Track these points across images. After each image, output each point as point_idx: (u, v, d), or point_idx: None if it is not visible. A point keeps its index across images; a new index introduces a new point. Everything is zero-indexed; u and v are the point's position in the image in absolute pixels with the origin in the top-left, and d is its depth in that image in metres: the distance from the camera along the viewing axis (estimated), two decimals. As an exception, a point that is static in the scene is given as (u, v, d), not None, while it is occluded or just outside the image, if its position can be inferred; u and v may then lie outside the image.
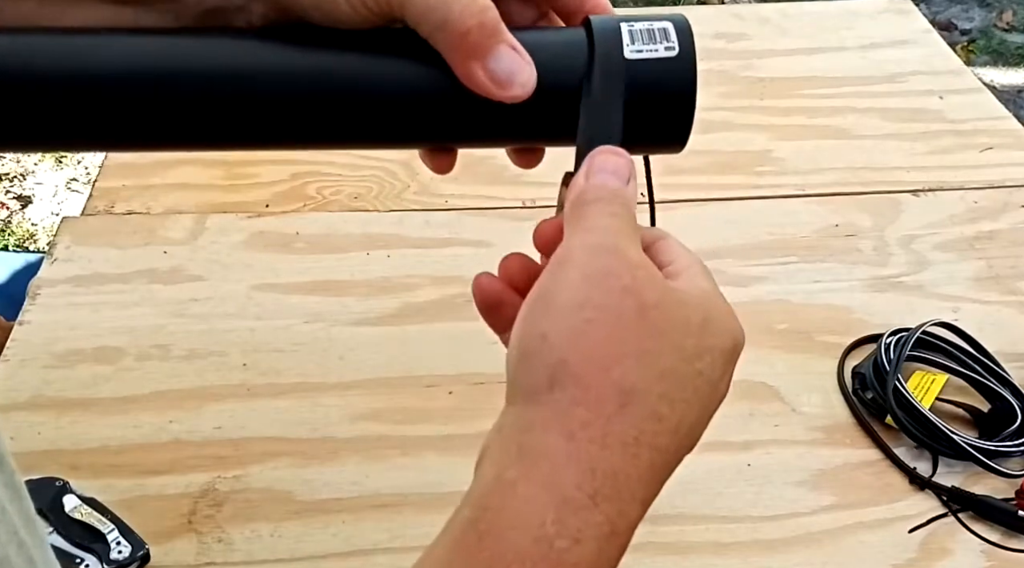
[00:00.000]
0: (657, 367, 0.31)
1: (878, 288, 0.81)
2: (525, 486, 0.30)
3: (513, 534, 0.29)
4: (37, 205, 2.05)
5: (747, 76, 1.05)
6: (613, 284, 0.31)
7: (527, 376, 0.31)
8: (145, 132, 0.36)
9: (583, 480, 0.29)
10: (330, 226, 0.85)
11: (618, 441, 0.30)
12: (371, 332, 0.76)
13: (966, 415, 0.71)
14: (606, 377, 0.30)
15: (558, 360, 0.30)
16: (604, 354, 0.30)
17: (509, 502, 0.30)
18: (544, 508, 0.29)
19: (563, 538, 0.29)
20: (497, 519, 0.30)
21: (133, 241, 0.83)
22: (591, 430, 0.30)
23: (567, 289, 0.31)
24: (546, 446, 0.30)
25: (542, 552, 0.29)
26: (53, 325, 0.76)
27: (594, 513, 0.29)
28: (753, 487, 0.67)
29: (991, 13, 2.72)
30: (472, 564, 0.29)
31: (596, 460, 0.30)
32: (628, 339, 0.31)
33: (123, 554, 0.59)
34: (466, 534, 0.30)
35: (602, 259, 0.32)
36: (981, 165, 0.94)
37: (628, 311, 0.31)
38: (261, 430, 0.69)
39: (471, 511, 0.31)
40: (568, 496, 0.29)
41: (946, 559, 0.63)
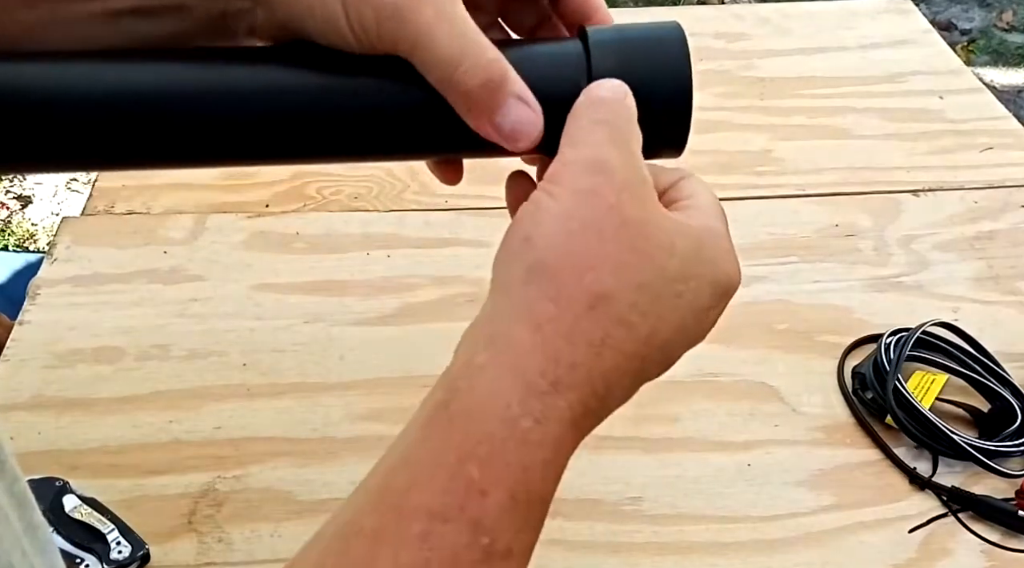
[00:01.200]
0: (633, 279, 0.32)
1: (878, 288, 0.81)
2: (493, 370, 0.32)
3: (481, 414, 0.31)
4: (37, 205, 2.05)
5: (747, 76, 1.05)
6: (599, 202, 0.33)
7: (505, 272, 0.33)
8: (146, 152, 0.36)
9: (546, 368, 0.31)
10: (330, 226, 0.85)
11: (583, 338, 0.32)
12: (371, 332, 0.76)
13: (966, 415, 0.71)
14: (579, 280, 0.32)
15: (536, 259, 0.32)
16: (580, 260, 0.32)
17: (477, 384, 0.32)
18: (510, 390, 0.31)
19: (526, 418, 0.31)
20: (466, 400, 0.32)
21: (133, 241, 0.83)
22: (557, 324, 0.32)
23: (556, 200, 0.33)
24: (514, 334, 0.32)
25: (507, 431, 0.31)
26: (53, 325, 0.76)
27: (556, 398, 0.31)
28: (753, 487, 0.67)
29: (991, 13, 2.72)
30: (443, 442, 0.31)
31: (560, 352, 0.31)
32: (606, 250, 0.32)
33: (123, 554, 0.59)
34: (437, 414, 0.32)
35: (590, 176, 0.33)
36: (981, 165, 0.94)
37: (609, 226, 0.32)
38: (261, 430, 0.69)
39: (443, 393, 0.32)
40: (531, 381, 0.31)
41: (946, 559, 0.63)
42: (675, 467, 0.67)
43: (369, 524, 0.31)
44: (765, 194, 0.90)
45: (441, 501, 0.30)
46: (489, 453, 0.31)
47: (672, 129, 0.37)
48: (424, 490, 0.31)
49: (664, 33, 0.37)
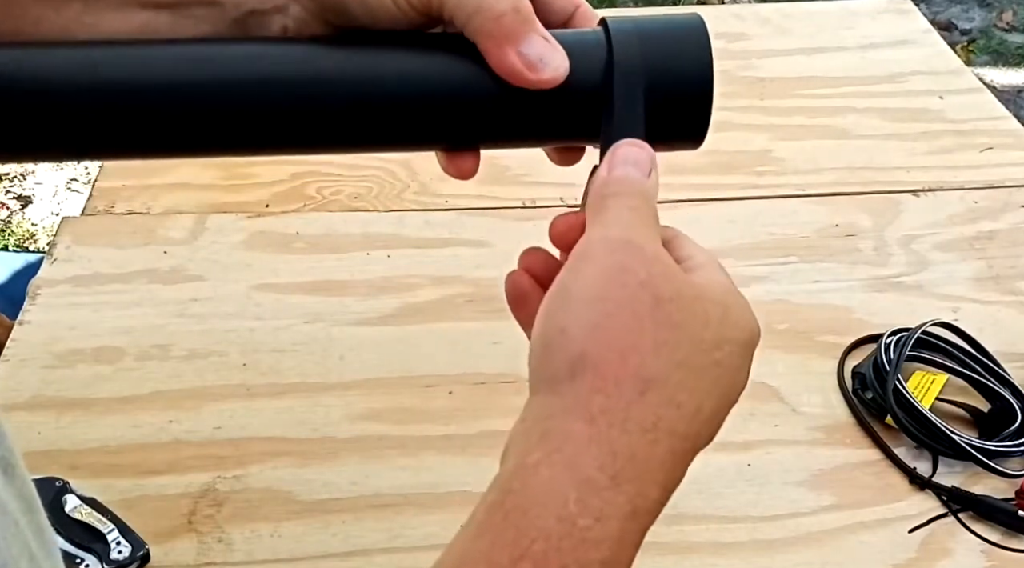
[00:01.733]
0: (675, 357, 0.32)
1: (878, 288, 0.81)
2: (548, 468, 0.30)
3: (537, 512, 0.30)
4: (37, 205, 2.05)
5: (747, 76, 1.05)
6: (629, 279, 0.32)
7: (548, 367, 0.32)
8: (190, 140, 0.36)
9: (604, 462, 0.30)
10: (330, 226, 0.85)
11: (637, 426, 0.31)
12: (371, 332, 0.76)
13: (966, 415, 0.71)
14: (624, 366, 0.31)
15: (578, 351, 0.31)
16: (622, 345, 0.31)
17: (532, 482, 0.30)
18: (566, 488, 0.30)
19: (585, 517, 0.30)
20: (521, 499, 0.30)
21: (133, 241, 0.83)
22: (611, 416, 0.31)
23: (585, 284, 0.32)
24: (567, 430, 0.31)
25: (565, 529, 0.30)
26: (53, 325, 0.76)
27: (615, 493, 0.30)
28: (753, 487, 0.67)
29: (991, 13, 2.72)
30: (498, 542, 0.30)
31: (616, 443, 0.30)
32: (645, 330, 0.31)
33: (123, 554, 0.59)
34: (492, 515, 0.31)
35: (619, 254, 0.32)
36: (981, 165, 0.94)
37: (644, 304, 0.32)
38: (261, 430, 0.69)
39: (496, 494, 0.31)
40: (589, 477, 0.30)
41: (946, 559, 0.63)
42: (675, 467, 0.67)
43: None
44: (765, 194, 0.90)
45: None
46: (544, 551, 0.29)
47: (693, 120, 0.37)
48: None
49: (686, 24, 0.38)
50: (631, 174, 0.35)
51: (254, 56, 0.36)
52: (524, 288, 0.38)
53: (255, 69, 0.36)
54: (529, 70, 0.35)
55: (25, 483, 0.34)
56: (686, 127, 0.38)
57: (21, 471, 0.34)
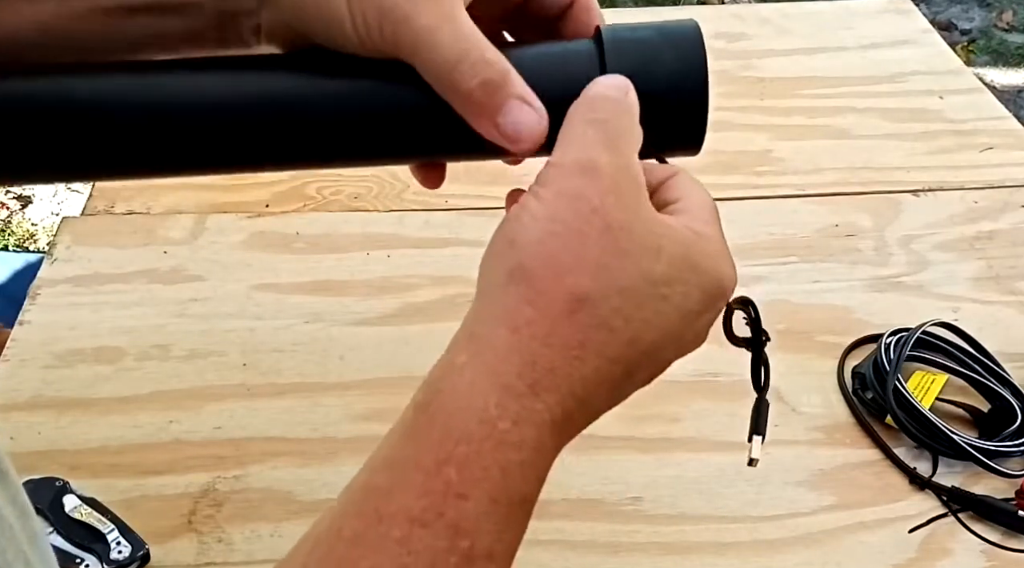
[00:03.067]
0: (615, 283, 0.32)
1: (878, 288, 0.81)
2: (471, 371, 0.32)
3: (460, 414, 0.31)
4: (37, 205, 2.05)
5: (747, 76, 1.05)
6: (582, 206, 0.32)
7: (489, 274, 0.34)
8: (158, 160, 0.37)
9: (523, 370, 0.31)
10: (330, 226, 0.85)
11: (561, 342, 0.32)
12: (371, 332, 0.76)
13: (966, 415, 0.71)
14: (559, 283, 0.32)
15: (517, 262, 0.32)
16: (561, 262, 0.32)
17: (457, 385, 0.32)
18: (488, 392, 0.31)
19: (504, 420, 0.31)
20: (446, 401, 0.32)
21: (133, 241, 0.83)
22: (535, 327, 0.32)
23: (541, 202, 0.33)
24: (493, 336, 0.32)
25: (486, 431, 0.31)
26: (53, 325, 0.76)
27: (534, 401, 0.31)
28: (753, 487, 0.67)
29: (991, 13, 2.72)
30: (423, 443, 0.31)
31: (537, 355, 0.31)
32: (588, 253, 0.32)
33: (123, 554, 0.59)
34: (418, 415, 0.32)
35: (576, 179, 0.33)
36: (981, 165, 0.94)
37: (592, 229, 0.32)
38: (261, 430, 0.69)
39: (423, 394, 0.33)
40: (509, 383, 0.31)
41: (946, 559, 0.63)
42: (675, 467, 0.67)
43: (350, 528, 0.31)
44: (765, 194, 0.90)
45: (420, 505, 0.30)
46: (467, 455, 0.30)
47: (689, 128, 0.37)
48: (403, 494, 0.31)
49: (681, 31, 0.37)
50: (604, 92, 0.35)
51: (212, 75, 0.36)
52: None
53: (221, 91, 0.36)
54: (509, 142, 0.35)
55: (18, 490, 0.34)
56: (682, 135, 0.38)
57: (13, 477, 0.34)
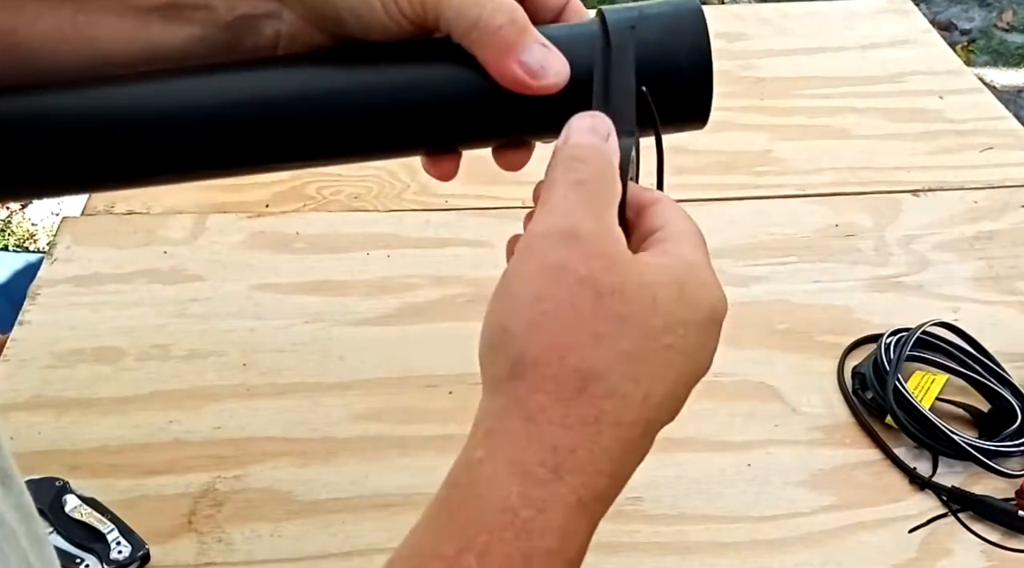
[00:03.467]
0: (617, 349, 0.32)
1: (878, 288, 0.81)
2: (491, 464, 0.31)
3: (480, 505, 0.31)
4: (37, 205, 2.05)
5: (747, 76, 1.05)
6: (568, 278, 0.32)
7: (492, 367, 0.33)
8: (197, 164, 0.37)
9: (545, 457, 0.31)
10: (330, 226, 0.85)
11: (577, 421, 0.31)
12: (371, 332, 0.76)
13: (966, 415, 0.71)
14: (563, 364, 0.31)
15: (518, 351, 0.32)
16: (561, 343, 0.31)
17: (476, 478, 0.32)
18: (508, 481, 0.31)
19: (527, 508, 0.30)
20: (465, 494, 0.32)
21: (133, 241, 0.83)
22: (550, 413, 0.31)
23: (526, 282, 0.32)
24: (508, 429, 0.32)
25: (507, 520, 0.30)
26: (53, 325, 0.76)
27: (558, 485, 0.31)
28: (753, 487, 0.67)
29: (991, 13, 2.72)
30: (444, 534, 0.31)
31: (557, 438, 0.31)
32: (584, 326, 0.32)
33: (123, 554, 0.59)
34: (439, 510, 0.32)
35: (558, 250, 0.32)
36: (981, 165, 0.94)
37: (584, 301, 0.32)
38: (261, 430, 0.69)
39: (444, 490, 0.33)
40: (530, 471, 0.31)
41: (946, 559, 0.63)
42: (675, 467, 0.67)
43: None
44: (765, 194, 0.90)
45: None
46: (487, 544, 0.30)
47: (694, 102, 0.38)
48: None
49: (681, 7, 0.38)
50: (584, 139, 0.35)
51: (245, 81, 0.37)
52: None
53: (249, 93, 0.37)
54: (531, 78, 0.35)
55: (22, 492, 0.34)
56: (688, 110, 0.38)
57: (18, 480, 0.34)
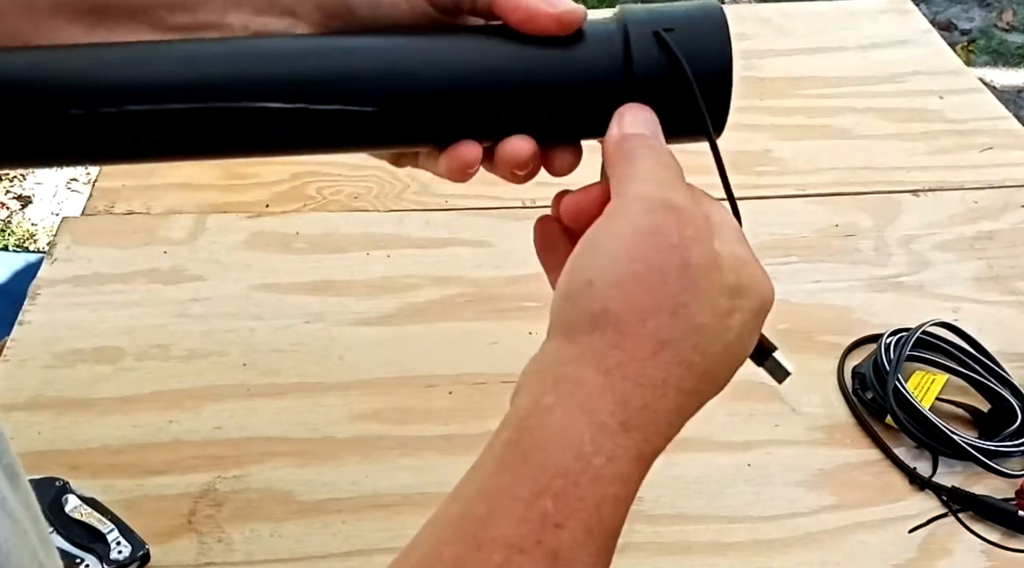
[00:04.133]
0: (692, 321, 0.33)
1: (878, 288, 0.81)
2: (563, 410, 0.32)
3: (554, 450, 0.32)
4: (37, 205, 2.05)
5: (747, 76, 1.05)
6: (661, 242, 0.33)
7: (570, 316, 0.34)
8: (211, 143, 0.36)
9: (615, 410, 0.32)
10: (330, 226, 0.85)
11: (649, 381, 0.33)
12: (371, 332, 0.76)
13: (966, 415, 0.71)
14: (643, 327, 0.33)
15: (601, 306, 0.33)
16: (644, 306, 0.33)
17: (548, 423, 0.32)
18: (581, 430, 0.32)
19: (599, 456, 0.32)
20: (538, 438, 0.32)
21: (133, 241, 0.83)
22: (625, 369, 0.32)
23: (618, 240, 0.33)
24: (582, 377, 0.33)
25: (582, 467, 0.31)
26: (53, 325, 0.76)
27: (625, 438, 0.32)
28: (753, 487, 0.67)
29: (991, 13, 2.72)
30: (518, 476, 0.32)
31: (628, 394, 0.32)
32: (667, 293, 0.33)
33: (123, 554, 0.59)
34: (509, 452, 0.33)
35: (655, 215, 0.34)
36: (981, 165, 0.94)
37: (672, 268, 0.33)
38: (261, 430, 0.69)
39: (512, 432, 0.33)
40: (602, 421, 0.32)
41: (946, 559, 0.63)
42: (675, 467, 0.67)
43: (449, 553, 0.31)
44: (765, 194, 0.90)
45: (519, 532, 0.31)
46: (564, 487, 0.31)
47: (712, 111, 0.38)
48: (502, 522, 0.31)
49: (704, 13, 0.37)
50: (644, 126, 0.36)
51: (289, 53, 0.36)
52: (553, 234, 0.39)
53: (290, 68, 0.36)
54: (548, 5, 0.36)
55: (29, 492, 0.35)
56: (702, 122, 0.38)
57: (24, 480, 0.35)
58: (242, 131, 0.36)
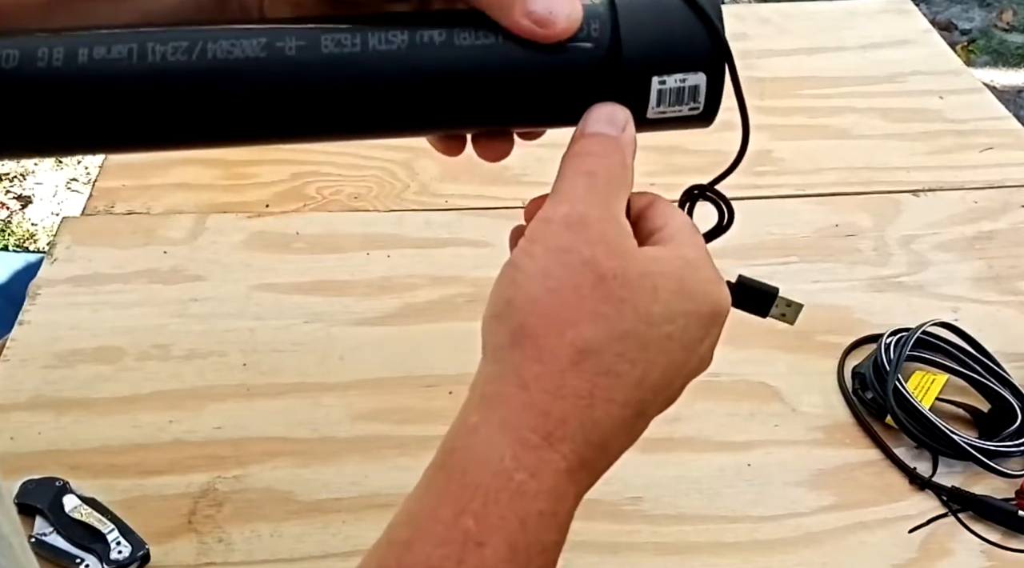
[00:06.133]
0: (614, 330, 0.33)
1: (878, 288, 0.81)
2: (485, 428, 0.33)
3: (475, 469, 0.32)
4: (37, 205, 2.05)
5: (747, 76, 1.04)
6: (572, 259, 0.33)
7: (492, 336, 0.34)
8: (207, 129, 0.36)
9: (537, 423, 0.32)
10: (330, 226, 0.85)
11: (571, 392, 0.32)
12: (371, 332, 0.76)
13: (966, 415, 0.71)
14: (561, 338, 0.33)
15: (519, 323, 0.33)
16: (561, 318, 0.33)
17: (471, 442, 0.33)
18: (501, 446, 0.32)
19: (520, 472, 0.32)
20: (461, 458, 0.33)
21: (133, 241, 0.83)
22: (544, 382, 0.32)
23: (533, 260, 0.34)
24: (504, 393, 0.33)
25: (502, 483, 0.31)
26: (53, 325, 0.76)
27: (548, 452, 0.32)
28: (753, 487, 0.67)
29: (991, 13, 2.72)
30: (441, 497, 0.32)
31: (549, 407, 0.32)
32: (584, 305, 0.33)
33: (123, 554, 0.59)
34: (436, 475, 0.33)
35: (565, 234, 0.34)
36: (981, 165, 0.94)
37: (586, 280, 0.33)
38: (261, 430, 0.69)
39: (440, 455, 0.34)
40: (523, 437, 0.32)
41: (946, 559, 0.63)
42: (675, 467, 0.67)
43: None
44: (765, 194, 0.90)
45: (439, 553, 0.31)
46: (484, 505, 0.31)
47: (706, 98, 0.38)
48: (424, 544, 0.31)
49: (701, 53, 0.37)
50: (602, 130, 0.36)
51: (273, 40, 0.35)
52: None
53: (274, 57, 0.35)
54: (541, 26, 0.35)
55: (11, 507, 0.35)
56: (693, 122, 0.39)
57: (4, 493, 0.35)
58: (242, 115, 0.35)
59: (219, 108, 0.35)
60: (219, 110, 0.35)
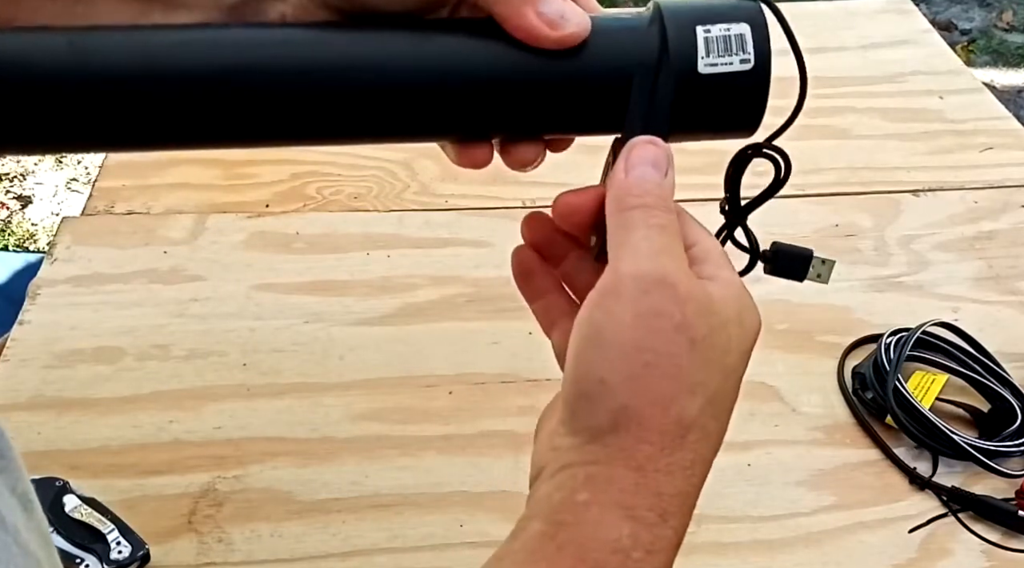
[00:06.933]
0: (706, 394, 0.33)
1: (878, 288, 0.81)
2: (598, 508, 0.32)
3: (592, 545, 0.32)
4: (37, 205, 2.05)
5: (747, 76, 1.05)
6: (665, 324, 0.32)
7: (589, 417, 0.33)
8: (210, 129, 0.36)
9: (652, 503, 0.33)
10: (330, 226, 0.85)
11: (679, 467, 0.33)
12: (371, 332, 0.76)
13: (966, 415, 0.71)
14: (666, 417, 0.33)
15: (619, 404, 0.32)
16: (662, 396, 0.32)
17: (584, 518, 0.32)
18: (619, 525, 0.32)
19: (638, 550, 0.32)
20: (574, 533, 0.32)
21: (133, 241, 0.83)
22: (656, 462, 0.33)
23: (620, 329, 0.33)
24: (614, 475, 0.33)
25: (620, 560, 0.32)
26: (53, 325, 0.76)
27: (664, 528, 0.33)
28: (753, 487, 0.67)
29: (991, 13, 2.72)
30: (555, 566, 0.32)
31: (662, 485, 0.33)
32: (683, 377, 0.33)
33: (123, 554, 0.59)
34: (544, 545, 0.33)
35: (652, 296, 0.33)
36: (981, 165, 0.94)
37: (681, 349, 0.33)
38: (261, 430, 0.69)
39: (545, 525, 0.33)
40: (640, 516, 0.32)
41: (946, 559, 0.63)
42: (675, 467, 0.67)
43: None
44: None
45: None
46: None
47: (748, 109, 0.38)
48: None
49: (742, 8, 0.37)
50: (649, 176, 0.35)
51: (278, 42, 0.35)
52: (529, 265, 0.40)
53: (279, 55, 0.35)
54: (551, 28, 0.34)
55: (42, 519, 0.35)
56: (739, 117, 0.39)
57: (38, 508, 0.35)
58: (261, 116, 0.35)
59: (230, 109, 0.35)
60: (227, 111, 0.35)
